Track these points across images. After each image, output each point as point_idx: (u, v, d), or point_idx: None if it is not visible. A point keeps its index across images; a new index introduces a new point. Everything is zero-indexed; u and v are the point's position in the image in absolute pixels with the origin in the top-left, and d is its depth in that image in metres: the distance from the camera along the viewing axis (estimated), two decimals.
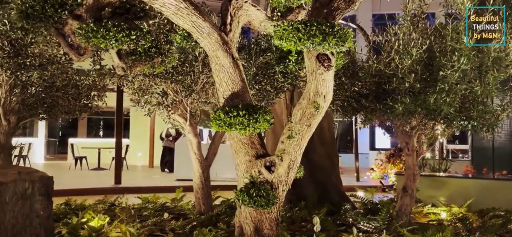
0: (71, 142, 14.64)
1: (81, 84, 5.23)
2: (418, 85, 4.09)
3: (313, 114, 2.99)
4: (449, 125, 4.33)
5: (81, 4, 3.12)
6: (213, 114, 3.05)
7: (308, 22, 2.61)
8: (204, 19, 3.16)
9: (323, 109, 2.99)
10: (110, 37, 2.96)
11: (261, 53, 5.27)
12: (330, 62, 2.83)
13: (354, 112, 4.99)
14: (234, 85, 3.26)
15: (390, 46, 4.31)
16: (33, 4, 2.98)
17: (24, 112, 4.86)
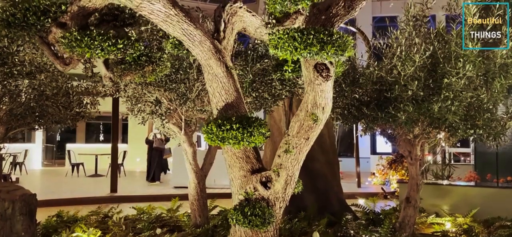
0: (68, 148, 14.47)
1: (72, 92, 5.06)
2: (421, 93, 3.92)
3: (311, 126, 2.82)
4: (454, 134, 4.15)
5: (66, 11, 2.95)
6: (205, 128, 2.87)
7: (305, 30, 2.44)
8: (195, 26, 2.99)
9: (321, 121, 2.81)
10: (95, 47, 2.79)
11: (258, 59, 5.10)
12: (329, 72, 2.66)
13: (355, 120, 4.81)
14: (227, 95, 3.09)
15: (392, 52, 4.14)
16: (14, 12, 2.81)
17: (13, 122, 4.69)
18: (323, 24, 2.65)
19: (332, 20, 2.67)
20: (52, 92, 4.75)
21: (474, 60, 3.62)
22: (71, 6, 2.95)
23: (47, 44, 3.14)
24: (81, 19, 3.06)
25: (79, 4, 2.94)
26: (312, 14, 2.82)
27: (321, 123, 2.82)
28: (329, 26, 2.62)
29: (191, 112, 5.09)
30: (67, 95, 5.02)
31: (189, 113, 5.10)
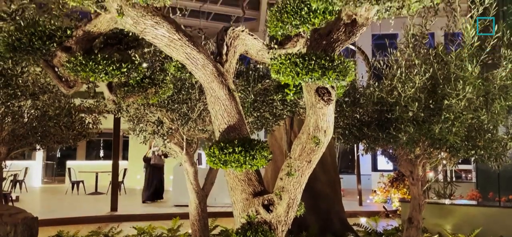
0: (68, 166, 14.44)
1: (74, 112, 5.09)
2: (422, 114, 3.94)
3: (313, 149, 2.83)
4: (455, 154, 4.16)
5: (71, 35, 3.00)
6: (207, 150, 2.89)
7: (306, 56, 2.48)
8: (198, 50, 3.03)
9: (323, 144, 2.83)
10: (100, 71, 2.83)
11: (259, 79, 5.14)
12: (330, 96, 2.69)
13: (356, 140, 4.82)
14: (230, 118, 3.11)
15: (392, 74, 4.17)
16: (20, 36, 2.87)
17: (15, 142, 4.71)
18: (324, 49, 2.68)
19: (333, 45, 2.70)
20: (54, 112, 4.78)
21: (473, 82, 3.65)
22: (76, 30, 3.00)
23: (51, 67, 3.18)
24: (86, 43, 3.10)
25: (84, 28, 2.99)
26: (313, 39, 2.86)
27: (323, 146, 2.84)
28: (330, 51, 2.66)
29: (193, 131, 5.11)
30: (70, 115, 5.05)
31: (190, 132, 5.12)
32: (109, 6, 2.71)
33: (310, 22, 3.01)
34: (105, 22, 2.92)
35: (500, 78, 3.67)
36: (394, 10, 2.35)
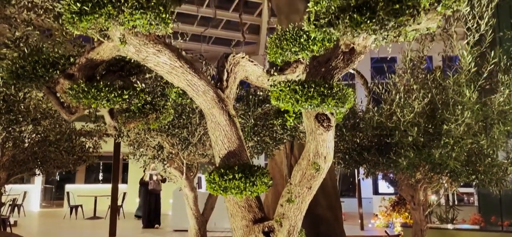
0: (67, 190, 14.33)
1: (75, 136, 5.11)
2: (421, 138, 3.96)
3: (313, 176, 2.83)
4: (456, 179, 4.14)
5: (74, 63, 3.05)
6: (207, 177, 2.89)
7: (306, 83, 2.51)
8: (199, 77, 3.07)
9: (324, 170, 2.83)
10: (101, 98, 2.87)
11: (259, 103, 5.18)
12: (330, 122, 2.71)
13: (356, 165, 4.82)
14: (230, 143, 3.13)
15: (391, 99, 4.21)
16: (23, 64, 2.91)
17: (15, 168, 4.70)
18: (323, 76, 2.72)
19: (332, 72, 2.74)
20: (55, 137, 4.80)
21: (472, 107, 3.68)
22: (80, 58, 3.05)
23: (54, 94, 3.21)
24: (89, 70, 3.15)
25: (87, 56, 3.04)
26: (312, 66, 2.90)
27: (323, 172, 2.84)
28: (329, 78, 2.69)
29: (193, 156, 5.11)
30: (70, 140, 5.07)
31: (190, 157, 5.12)
32: (112, 34, 2.77)
33: (309, 49, 3.07)
34: (107, 50, 2.97)
35: (498, 103, 3.71)
36: (392, 38, 2.40)
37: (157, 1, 2.67)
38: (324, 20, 2.11)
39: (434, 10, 2.38)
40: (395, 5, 1.96)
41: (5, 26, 4.25)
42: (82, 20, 2.55)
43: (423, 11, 2.25)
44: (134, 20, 2.61)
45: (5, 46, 3.83)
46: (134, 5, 2.54)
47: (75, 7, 2.50)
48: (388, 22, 2.01)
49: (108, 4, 2.50)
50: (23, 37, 4.06)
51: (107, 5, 2.50)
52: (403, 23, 2.04)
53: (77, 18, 2.54)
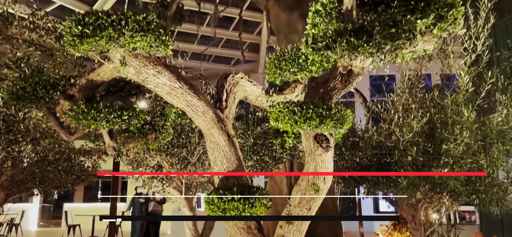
0: (65, 209, 14.20)
1: (74, 156, 5.10)
2: (421, 158, 3.95)
3: (313, 197, 2.82)
4: (456, 199, 4.12)
5: (74, 84, 3.07)
6: (206, 198, 2.87)
7: (304, 104, 2.53)
8: (198, 97, 3.09)
9: (323, 191, 2.82)
10: (101, 119, 2.88)
11: (258, 123, 5.20)
12: (329, 143, 2.71)
13: (356, 184, 4.80)
14: (229, 164, 3.12)
15: (390, 118, 4.22)
16: (24, 85, 2.93)
17: (14, 188, 4.68)
18: (322, 97, 2.74)
19: (330, 93, 2.76)
20: (54, 157, 4.79)
21: (470, 126, 3.69)
22: (80, 79, 3.07)
23: (53, 114, 3.22)
24: (89, 90, 3.17)
25: (87, 77, 3.07)
26: (311, 87, 2.92)
27: (322, 193, 2.83)
28: (327, 99, 2.71)
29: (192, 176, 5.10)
30: (69, 160, 5.06)
31: (189, 177, 5.11)
32: (112, 56, 2.80)
33: (307, 70, 3.10)
34: (108, 71, 3.00)
35: (497, 123, 3.72)
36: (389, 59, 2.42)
37: (157, 24, 2.71)
38: (322, 43, 2.14)
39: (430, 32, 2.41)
40: (391, 29, 1.99)
41: (7, 46, 4.30)
42: (83, 42, 2.58)
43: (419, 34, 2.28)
44: (134, 42, 2.64)
45: (6, 66, 3.87)
46: (135, 28, 2.58)
47: (77, 30, 2.54)
48: (384, 46, 2.04)
49: (109, 27, 2.53)
50: (25, 58, 4.11)
51: (108, 28, 2.53)
52: (399, 46, 2.06)
53: (78, 41, 2.57)
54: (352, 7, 2.17)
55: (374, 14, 2.38)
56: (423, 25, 2.30)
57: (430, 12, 2.25)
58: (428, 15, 2.24)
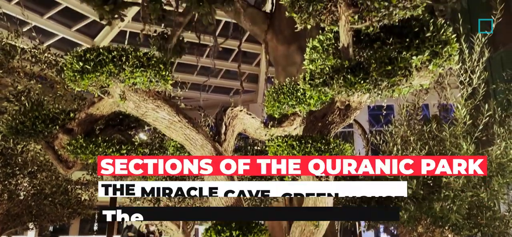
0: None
1: (70, 190, 5.05)
2: (421, 191, 3.92)
3: (312, 232, 2.78)
4: (459, 233, 4.05)
5: (74, 118, 3.08)
6: (204, 234, 2.83)
7: (303, 138, 2.53)
8: (197, 131, 3.09)
9: (323, 226, 2.78)
10: (99, 153, 2.87)
11: (257, 154, 5.18)
12: (328, 177, 2.70)
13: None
14: (227, 198, 3.09)
15: (389, 150, 4.22)
16: (23, 120, 2.94)
17: (9, 222, 4.60)
18: (320, 131, 2.75)
19: (329, 127, 2.77)
20: (51, 190, 4.74)
21: None
22: (79, 113, 3.09)
23: (52, 148, 3.22)
24: (88, 124, 3.18)
25: (87, 111, 3.08)
26: (309, 121, 2.94)
27: (322, 228, 2.79)
28: (326, 133, 2.72)
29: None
30: (66, 193, 5.00)
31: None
32: (112, 91, 2.82)
33: (305, 103, 3.13)
34: (107, 105, 3.02)
35: (496, 156, 3.71)
36: (386, 94, 2.45)
37: (157, 59, 2.75)
38: (319, 79, 2.17)
39: (426, 68, 2.45)
40: (387, 66, 2.03)
41: (8, 80, 4.34)
42: (83, 78, 2.61)
43: (415, 70, 2.32)
44: (134, 77, 2.67)
45: (6, 100, 3.89)
46: (135, 63, 2.62)
47: (78, 65, 2.57)
48: (381, 82, 2.06)
49: (110, 63, 2.57)
50: (25, 91, 4.14)
51: (108, 64, 2.57)
52: (396, 83, 2.09)
53: (79, 76, 2.61)
54: (348, 44, 2.21)
55: (370, 51, 2.43)
56: (418, 62, 2.34)
57: (425, 49, 2.30)
58: (423, 52, 2.29)
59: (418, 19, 2.32)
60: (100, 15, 6.12)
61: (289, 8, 2.24)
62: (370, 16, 2.06)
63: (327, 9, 2.17)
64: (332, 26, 2.33)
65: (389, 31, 2.39)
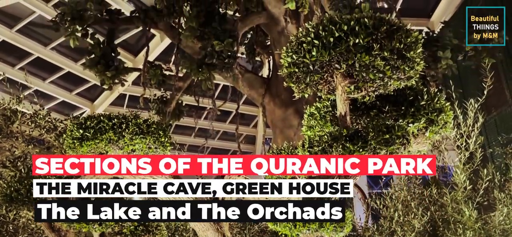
0: None
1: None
2: None
3: None
4: None
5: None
6: None
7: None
8: None
9: None
10: (94, 221, 2.80)
11: (256, 221, 5.06)
12: None
13: None
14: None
15: (390, 216, 4.13)
16: (18, 187, 2.90)
17: None
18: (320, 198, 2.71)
19: None
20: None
21: (473, 225, 3.60)
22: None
23: None
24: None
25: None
26: None
27: None
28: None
29: None
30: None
31: None
32: None
33: None
34: None
35: (499, 222, 3.64)
36: None
37: (157, 126, 2.78)
38: (318, 147, 2.18)
39: (423, 135, 2.48)
40: (385, 135, 2.06)
41: (6, 145, 4.33)
42: (82, 145, 2.62)
43: (412, 137, 2.36)
44: (133, 144, 2.68)
45: (3, 166, 3.86)
46: (135, 130, 2.64)
47: (78, 133, 2.59)
48: (379, 150, 2.08)
49: (110, 130, 2.59)
50: (22, 157, 4.12)
51: (108, 131, 2.59)
52: (394, 151, 2.11)
53: (78, 143, 2.61)
54: (346, 113, 2.26)
55: (367, 118, 2.47)
56: (415, 129, 2.38)
57: (420, 116, 2.35)
58: (419, 120, 2.34)
59: (412, 88, 2.40)
60: (101, 81, 6.26)
61: (287, 79, 2.31)
62: (366, 87, 2.13)
63: (323, 79, 2.24)
64: (329, 95, 2.39)
65: (385, 99, 2.46)
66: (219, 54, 5.44)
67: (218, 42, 5.40)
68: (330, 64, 2.12)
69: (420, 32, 2.33)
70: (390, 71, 2.07)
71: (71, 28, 5.54)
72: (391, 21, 2.15)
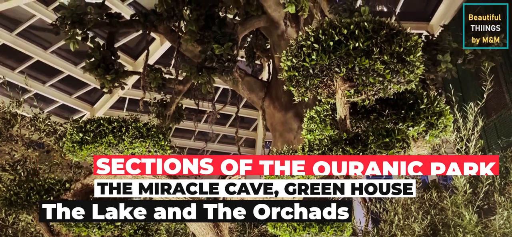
0: None
1: None
2: None
3: None
4: None
5: (69, 188, 3.04)
6: None
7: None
8: None
9: None
10: (93, 225, 2.79)
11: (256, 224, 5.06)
12: None
13: None
14: None
15: (391, 220, 4.12)
16: (18, 191, 2.89)
17: None
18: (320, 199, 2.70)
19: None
20: None
21: (473, 229, 3.59)
22: (75, 183, 3.05)
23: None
24: (83, 195, 3.12)
25: (83, 182, 3.04)
26: None
27: None
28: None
29: None
30: None
31: None
32: None
33: None
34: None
35: (499, 226, 3.63)
36: None
37: (157, 130, 2.78)
38: (318, 151, 2.18)
39: (422, 138, 2.48)
40: (385, 139, 2.06)
41: (5, 148, 4.33)
42: (82, 148, 2.62)
43: (412, 140, 2.36)
44: (133, 147, 2.68)
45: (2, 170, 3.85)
46: (135, 134, 2.64)
47: (78, 136, 2.59)
48: (380, 154, 2.08)
49: (110, 134, 2.59)
50: (22, 160, 4.11)
51: (108, 135, 2.59)
52: (394, 154, 2.11)
53: (77, 147, 2.61)
54: (345, 116, 2.26)
55: (367, 122, 2.48)
56: (415, 132, 2.38)
57: (420, 120, 2.35)
58: (419, 123, 2.34)
59: (412, 92, 2.40)
60: (101, 84, 6.27)
61: (287, 82, 2.32)
62: (366, 90, 2.13)
63: (323, 83, 2.25)
64: (328, 99, 2.40)
65: (385, 103, 2.46)
66: (219, 57, 5.45)
67: (218, 45, 5.41)
68: (330, 67, 2.13)
69: (419, 36, 2.34)
70: (390, 74, 2.07)
71: (71, 31, 5.55)
72: (390, 25, 2.16)
